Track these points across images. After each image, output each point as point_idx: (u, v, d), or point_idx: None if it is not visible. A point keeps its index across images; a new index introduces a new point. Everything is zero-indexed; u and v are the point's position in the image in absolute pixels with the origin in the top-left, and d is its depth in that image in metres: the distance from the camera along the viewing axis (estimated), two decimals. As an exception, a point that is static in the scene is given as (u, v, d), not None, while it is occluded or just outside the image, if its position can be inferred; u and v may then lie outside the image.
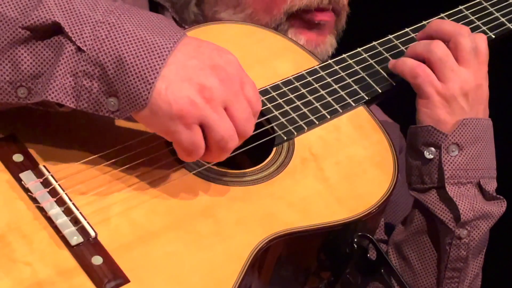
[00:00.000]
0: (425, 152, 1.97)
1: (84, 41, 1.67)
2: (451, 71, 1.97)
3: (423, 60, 1.98)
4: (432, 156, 1.97)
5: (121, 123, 1.76)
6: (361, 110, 1.96)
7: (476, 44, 1.99)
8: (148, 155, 1.77)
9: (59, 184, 1.70)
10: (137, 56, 1.66)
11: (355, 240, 1.79)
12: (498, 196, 1.99)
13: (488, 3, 2.13)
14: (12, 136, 1.74)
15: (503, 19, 2.13)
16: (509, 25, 2.12)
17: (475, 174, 1.98)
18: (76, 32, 1.67)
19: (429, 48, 1.98)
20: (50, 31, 1.67)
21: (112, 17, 1.69)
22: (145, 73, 1.66)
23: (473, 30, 2.07)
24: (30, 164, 1.72)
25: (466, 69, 1.98)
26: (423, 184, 1.99)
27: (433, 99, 1.96)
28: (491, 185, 1.99)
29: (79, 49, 1.66)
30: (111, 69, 1.66)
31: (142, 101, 1.65)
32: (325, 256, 1.82)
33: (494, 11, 2.12)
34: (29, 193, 1.69)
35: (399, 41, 2.06)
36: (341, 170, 1.86)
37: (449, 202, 1.96)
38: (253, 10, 2.13)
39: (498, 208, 1.99)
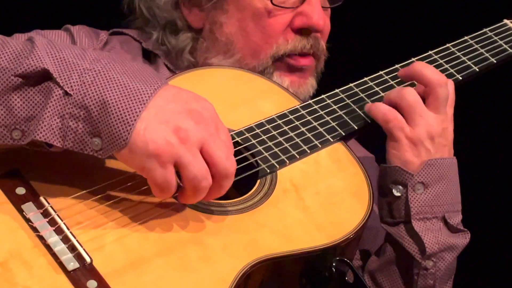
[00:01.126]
0: (393, 190, 1.96)
1: (71, 86, 1.67)
2: (420, 116, 1.96)
3: (396, 105, 1.98)
4: (399, 194, 1.96)
5: (113, 160, 1.75)
6: (338, 145, 1.96)
7: (449, 89, 2.00)
8: (140, 187, 1.76)
9: (57, 214, 1.70)
10: (120, 100, 1.67)
11: (334, 264, 1.77)
12: (462, 228, 2.00)
13: (455, 48, 2.15)
14: (16, 170, 1.75)
15: (469, 63, 2.12)
16: (475, 68, 2.11)
17: (440, 210, 1.98)
18: (64, 78, 1.67)
19: (401, 95, 1.97)
20: (41, 77, 1.68)
21: (99, 65, 1.70)
22: (126, 116, 1.66)
23: (442, 72, 2.06)
24: (32, 196, 1.72)
25: (435, 114, 1.97)
26: (392, 218, 1.98)
27: (401, 142, 1.96)
28: (456, 219, 1.99)
29: (66, 93, 1.67)
30: (95, 111, 1.67)
31: (122, 141, 1.65)
32: (306, 280, 1.80)
33: (461, 55, 2.14)
34: (30, 223, 1.69)
35: (373, 82, 2.07)
36: (320, 200, 1.86)
37: (416, 236, 1.96)
38: (241, 55, 2.12)
39: (462, 240, 1.99)
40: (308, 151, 1.92)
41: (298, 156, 1.91)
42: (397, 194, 1.96)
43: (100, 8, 2.41)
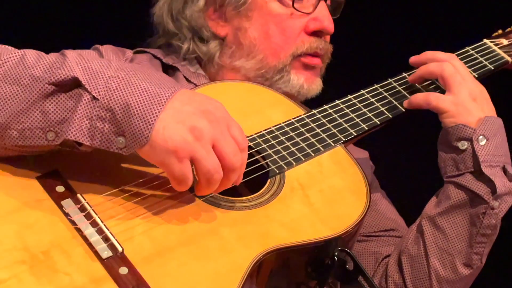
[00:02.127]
0: (458, 145, 2.01)
1: (98, 91, 1.70)
2: (459, 84, 2.04)
3: (436, 75, 2.06)
4: (465, 147, 2.01)
5: (142, 160, 1.76)
6: (339, 149, 1.98)
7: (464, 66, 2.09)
8: (163, 186, 1.78)
9: (92, 209, 1.72)
10: (141, 103, 1.69)
11: (336, 254, 1.79)
12: None
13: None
14: (55, 171, 1.77)
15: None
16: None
17: (500, 159, 2.02)
18: (92, 85, 1.70)
19: (441, 67, 2.05)
20: (71, 85, 1.71)
21: (122, 73, 1.72)
22: (146, 116, 1.68)
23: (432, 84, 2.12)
24: (70, 194, 1.74)
25: (471, 79, 2.06)
26: (458, 171, 2.02)
27: (451, 110, 2.02)
28: (511, 169, 2.04)
29: (94, 98, 1.69)
30: (119, 113, 1.69)
31: (143, 139, 1.67)
32: (311, 268, 1.81)
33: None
34: (68, 217, 1.71)
35: (369, 94, 2.09)
36: (323, 197, 1.88)
37: (485, 180, 2.00)
38: (264, 55, 2.14)
39: None
40: (312, 154, 1.94)
41: (303, 159, 1.92)
42: (463, 148, 2.00)
43: (124, 31, 2.39)
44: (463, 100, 2.02)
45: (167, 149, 1.67)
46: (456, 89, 2.03)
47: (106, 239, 1.69)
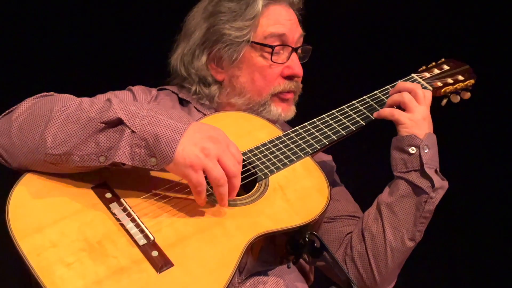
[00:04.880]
0: (409, 149, 2.03)
1: (136, 127, 1.74)
2: (416, 106, 2.06)
3: (399, 102, 2.06)
4: (414, 152, 2.03)
5: (167, 173, 1.79)
6: (307, 159, 1.98)
7: (424, 93, 2.08)
8: (183, 190, 1.81)
9: (132, 209, 1.77)
10: (166, 133, 1.73)
11: (307, 236, 1.82)
12: (444, 178, 2.07)
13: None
14: (105, 183, 1.81)
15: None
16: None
17: (435, 164, 2.05)
18: (131, 122, 1.74)
19: (402, 96, 2.07)
20: (116, 123, 1.75)
21: (152, 113, 1.77)
22: (170, 143, 1.73)
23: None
24: (115, 198, 1.79)
25: (421, 106, 2.06)
26: (406, 168, 2.04)
27: (407, 123, 2.04)
28: (439, 172, 2.08)
29: (132, 131, 1.73)
30: (151, 141, 1.73)
31: (169, 159, 1.72)
32: (289, 246, 1.85)
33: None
34: (115, 216, 1.76)
35: (329, 117, 2.07)
36: (297, 195, 1.89)
37: (427, 177, 2.03)
38: (251, 95, 2.13)
39: (446, 184, 2.06)
40: (289, 164, 1.95)
41: (282, 167, 1.94)
42: (412, 152, 2.02)
43: (150, 73, 2.32)
44: (417, 118, 2.04)
45: (185, 164, 1.72)
46: (412, 110, 2.05)
47: (141, 231, 1.73)
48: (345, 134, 2.06)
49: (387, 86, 2.16)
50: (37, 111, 1.78)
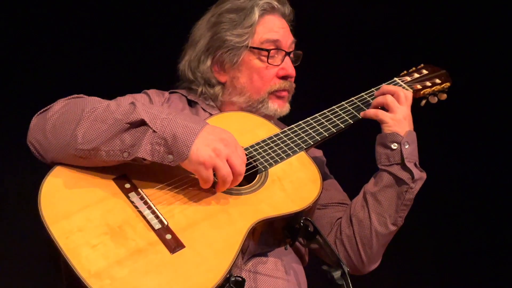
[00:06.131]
0: (391, 145, 2.05)
1: (157, 127, 1.77)
2: (397, 107, 2.08)
3: (382, 104, 2.08)
4: (396, 147, 2.04)
5: (181, 168, 1.80)
6: (302, 153, 2.00)
7: (405, 94, 2.10)
8: (193, 181, 1.82)
9: (148, 198, 1.79)
10: (183, 134, 1.77)
11: (302, 221, 1.84)
12: (423, 170, 2.08)
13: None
14: (125, 175, 1.84)
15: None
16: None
17: (414, 158, 2.07)
18: (153, 123, 1.78)
19: (385, 98, 2.09)
20: (139, 123, 1.78)
21: (171, 116, 1.80)
22: (186, 142, 1.76)
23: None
24: (134, 189, 1.81)
25: (402, 106, 2.08)
26: (389, 162, 2.06)
27: (389, 122, 2.06)
28: (418, 165, 2.10)
29: (154, 131, 1.77)
30: (170, 140, 1.76)
31: (185, 156, 1.76)
32: (286, 230, 1.86)
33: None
34: (133, 204, 1.78)
35: (321, 117, 2.08)
36: (293, 185, 1.91)
37: (408, 170, 2.05)
38: (250, 93, 2.15)
39: (424, 175, 2.07)
40: (285, 158, 1.96)
41: (280, 161, 1.95)
42: (394, 148, 2.03)
43: (163, 78, 2.29)
44: (398, 118, 2.06)
45: (199, 162, 1.76)
46: (394, 111, 2.07)
47: (157, 216, 1.76)
48: (335, 131, 2.08)
49: (373, 89, 2.17)
50: (69, 111, 1.82)
